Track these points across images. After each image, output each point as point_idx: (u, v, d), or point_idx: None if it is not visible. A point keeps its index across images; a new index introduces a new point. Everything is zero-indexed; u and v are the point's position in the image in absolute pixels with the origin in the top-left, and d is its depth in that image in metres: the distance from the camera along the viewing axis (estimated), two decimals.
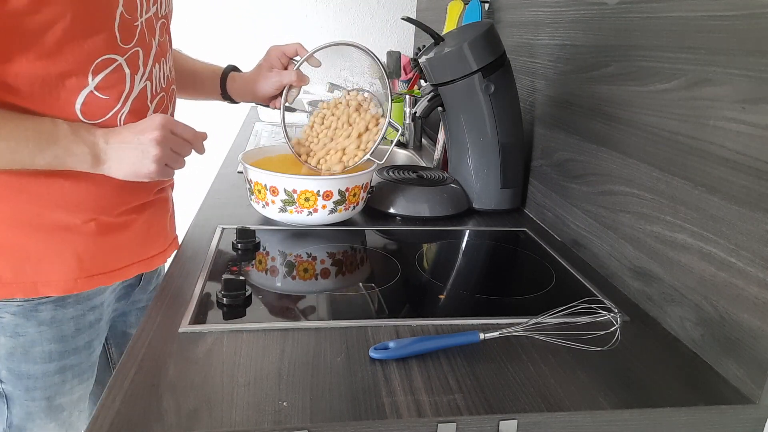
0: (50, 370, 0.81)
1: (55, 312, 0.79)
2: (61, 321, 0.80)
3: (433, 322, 0.68)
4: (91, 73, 0.71)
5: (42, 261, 0.76)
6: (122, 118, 0.76)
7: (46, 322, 0.79)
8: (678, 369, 0.63)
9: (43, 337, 0.79)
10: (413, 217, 1.04)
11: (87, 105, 0.72)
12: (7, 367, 0.79)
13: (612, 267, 0.83)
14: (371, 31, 2.21)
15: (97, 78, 0.72)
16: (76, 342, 0.82)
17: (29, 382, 0.80)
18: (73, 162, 0.71)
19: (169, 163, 0.76)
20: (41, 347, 0.79)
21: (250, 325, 0.65)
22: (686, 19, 0.68)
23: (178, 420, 0.50)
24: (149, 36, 0.78)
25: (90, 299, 0.82)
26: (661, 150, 0.72)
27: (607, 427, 0.56)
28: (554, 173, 1.02)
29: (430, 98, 1.09)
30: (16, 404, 0.81)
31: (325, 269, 0.82)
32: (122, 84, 0.75)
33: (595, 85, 0.88)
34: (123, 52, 0.73)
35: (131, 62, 0.75)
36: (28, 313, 0.77)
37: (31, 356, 0.79)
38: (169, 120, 0.75)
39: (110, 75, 0.73)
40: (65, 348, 0.81)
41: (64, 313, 0.80)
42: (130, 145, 0.73)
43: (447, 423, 0.52)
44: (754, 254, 0.58)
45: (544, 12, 1.07)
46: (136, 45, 0.75)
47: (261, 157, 1.05)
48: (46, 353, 0.80)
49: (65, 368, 0.82)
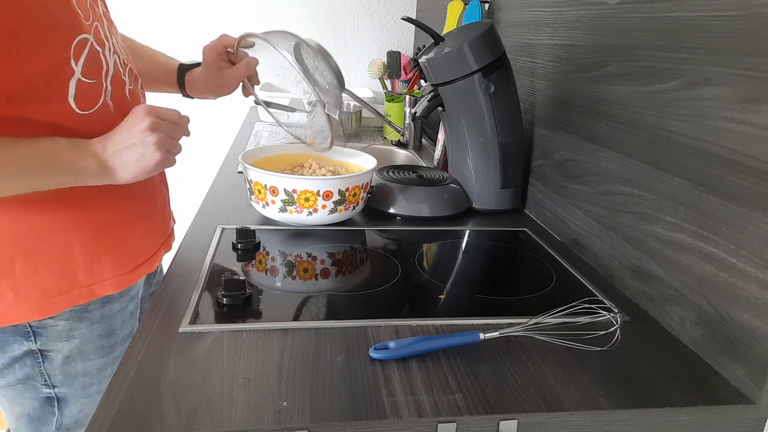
0: (104, 363, 0.85)
1: (103, 309, 0.82)
2: (109, 317, 0.83)
3: (433, 322, 0.68)
4: (73, 59, 0.70)
5: (93, 264, 0.78)
6: (109, 98, 0.76)
7: (97, 320, 0.82)
8: (678, 369, 0.63)
9: (94, 334, 0.82)
10: (413, 217, 1.04)
11: (79, 94, 0.71)
12: (63, 371, 0.81)
13: (612, 267, 0.83)
14: (371, 31, 2.21)
15: (79, 63, 0.70)
16: (122, 333, 0.86)
17: (86, 380, 0.83)
18: (84, 177, 0.71)
19: (169, 149, 0.75)
20: (94, 344, 0.82)
21: (250, 325, 0.65)
22: (686, 19, 0.68)
23: (178, 420, 0.50)
24: (96, 8, 0.77)
25: (129, 291, 0.86)
26: (661, 150, 0.72)
27: (607, 427, 0.56)
28: (554, 173, 1.02)
29: (430, 98, 1.09)
30: (69, 404, 0.84)
31: (325, 269, 0.82)
32: (99, 63, 0.74)
33: (595, 85, 0.88)
34: (88, 29, 0.72)
35: (97, 38, 0.74)
36: (80, 316, 0.79)
37: (86, 355, 0.82)
38: (151, 107, 0.74)
39: (89, 57, 0.71)
40: (114, 341, 0.85)
41: (111, 309, 0.83)
42: (126, 144, 0.72)
43: (447, 423, 0.52)
44: (754, 254, 0.58)
45: (544, 12, 1.07)
46: (94, 20, 0.74)
47: (261, 157, 1.05)
48: (99, 349, 0.83)
49: (115, 359, 0.86)
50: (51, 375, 0.81)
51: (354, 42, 2.21)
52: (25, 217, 0.74)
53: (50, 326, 0.78)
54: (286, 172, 1.01)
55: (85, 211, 0.77)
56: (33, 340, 0.78)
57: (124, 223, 0.81)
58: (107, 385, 0.54)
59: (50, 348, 0.79)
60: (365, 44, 2.22)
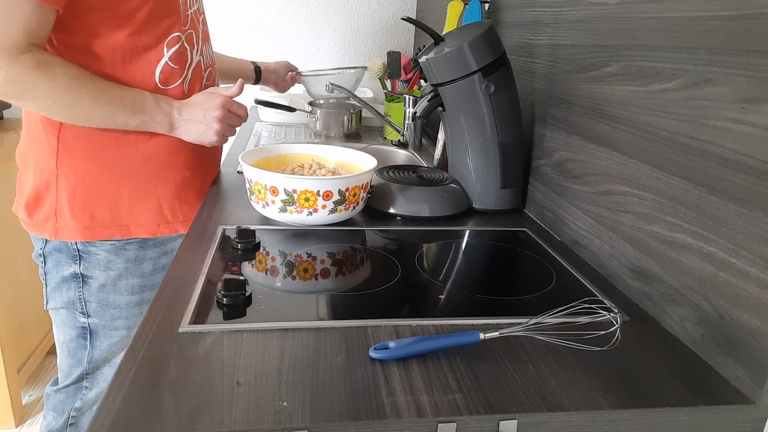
0: (132, 301, 1.01)
1: (138, 252, 1.00)
2: (142, 260, 1.01)
3: (433, 322, 0.68)
4: (166, 46, 0.94)
5: (134, 207, 0.98)
6: (186, 83, 1.00)
7: (132, 259, 1.00)
8: (678, 369, 0.63)
9: (128, 272, 1.00)
10: (413, 217, 1.04)
11: (164, 73, 0.96)
12: (98, 299, 0.99)
13: (612, 267, 0.83)
14: (371, 31, 2.20)
15: (170, 51, 0.95)
16: (152, 280, 1.03)
17: (115, 312, 1.00)
18: (155, 126, 0.95)
19: (226, 134, 1.02)
20: (126, 281, 1.00)
21: (250, 325, 0.65)
22: (686, 19, 0.68)
23: (178, 420, 0.50)
24: (196, 23, 1.02)
25: (164, 244, 1.03)
26: (661, 150, 0.72)
27: (607, 427, 0.56)
28: (554, 173, 1.02)
29: (430, 98, 1.09)
30: (99, 336, 1.01)
31: (325, 269, 0.82)
32: (185, 56, 0.99)
33: (595, 85, 0.88)
34: (184, 32, 0.97)
35: (189, 40, 0.99)
36: (119, 251, 0.98)
37: (118, 288, 0.99)
38: (227, 100, 0.98)
39: (179, 49, 0.96)
40: (144, 283, 1.02)
41: (145, 254, 1.01)
42: (197, 119, 0.96)
43: (447, 423, 0.52)
44: (754, 254, 0.58)
45: (544, 12, 1.07)
46: (190, 28, 0.99)
47: (261, 157, 1.05)
48: (130, 286, 1.00)
49: (143, 302, 1.02)
50: (87, 302, 0.99)
51: (354, 42, 2.21)
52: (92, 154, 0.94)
53: (93, 253, 0.97)
54: (286, 172, 1.01)
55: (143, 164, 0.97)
56: (78, 263, 0.97)
57: (170, 185, 1.01)
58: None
59: (90, 274, 0.98)
60: (365, 44, 2.22)
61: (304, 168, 1.05)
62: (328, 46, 2.20)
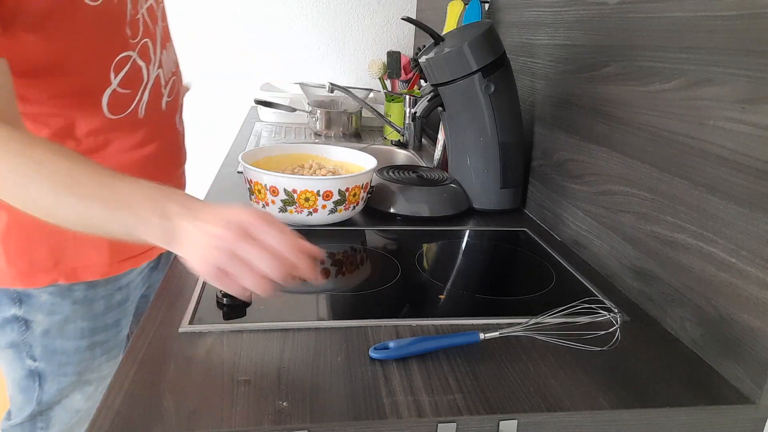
0: (82, 346, 0.87)
1: (87, 291, 0.85)
2: (92, 300, 0.86)
3: (433, 322, 0.68)
4: (113, 72, 0.76)
5: (80, 247, 0.82)
6: (142, 107, 0.83)
7: (80, 301, 0.84)
8: (678, 369, 0.63)
9: (76, 314, 0.85)
10: (413, 217, 1.04)
11: (112, 101, 0.78)
12: (43, 345, 0.85)
13: (612, 267, 0.83)
14: (371, 31, 2.20)
15: (118, 76, 0.77)
16: (105, 320, 0.88)
17: (62, 358, 0.86)
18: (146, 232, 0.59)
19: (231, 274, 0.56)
20: (74, 324, 0.85)
21: (250, 325, 0.65)
22: (686, 19, 0.68)
23: (178, 420, 0.50)
24: (152, 24, 0.83)
25: (118, 280, 0.88)
26: (661, 150, 0.72)
27: (607, 427, 0.56)
28: (554, 173, 1.02)
29: (430, 98, 1.09)
30: (48, 380, 0.87)
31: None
32: (140, 77, 0.81)
33: (595, 85, 0.88)
34: (134, 46, 0.78)
35: (143, 54, 0.80)
36: (64, 293, 0.83)
37: (65, 333, 0.85)
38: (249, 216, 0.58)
39: (129, 71, 0.78)
40: (95, 325, 0.87)
41: (96, 293, 0.86)
42: None
43: (447, 423, 0.52)
44: (754, 254, 0.58)
45: (544, 12, 1.07)
46: (144, 36, 0.80)
47: (261, 157, 1.05)
48: (79, 330, 0.86)
49: (95, 345, 0.88)
50: (32, 345, 0.85)
51: (354, 42, 2.21)
52: None
53: (35, 296, 0.82)
54: (286, 172, 1.01)
55: None
56: (19, 305, 0.82)
57: None
58: (107, 386, 0.54)
59: (32, 318, 0.83)
60: (365, 44, 2.22)
61: (304, 168, 1.05)
62: (328, 46, 2.20)
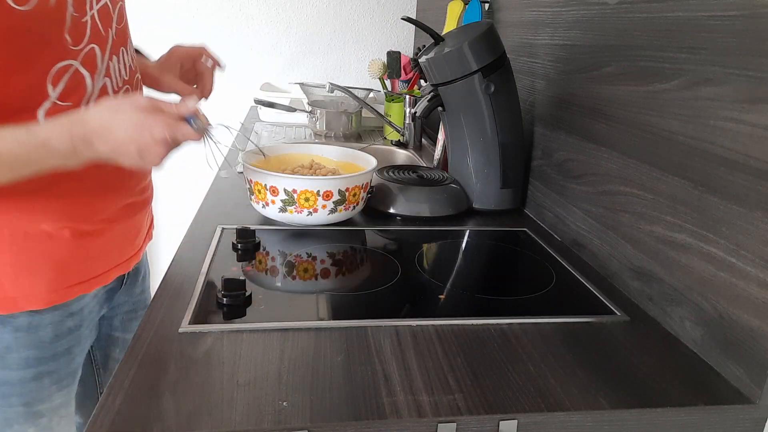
0: (27, 376, 0.78)
1: (31, 318, 0.76)
2: (38, 327, 0.77)
3: (433, 322, 0.68)
4: (50, 84, 0.67)
5: (20, 275, 0.73)
6: None
7: (23, 328, 0.76)
8: (678, 369, 0.63)
9: (19, 343, 0.76)
10: (413, 217, 1.04)
11: (50, 115, 0.68)
12: None
13: (612, 267, 0.83)
14: (371, 31, 2.20)
15: (57, 88, 0.68)
16: (55, 348, 0.79)
17: (5, 389, 0.78)
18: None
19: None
20: (17, 354, 0.76)
21: (250, 325, 0.65)
22: (686, 19, 0.68)
23: (178, 420, 0.50)
24: (104, 27, 0.73)
25: (68, 306, 0.79)
26: (661, 150, 0.72)
27: (607, 427, 0.56)
28: (554, 173, 1.02)
29: (430, 98, 1.09)
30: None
31: (325, 269, 0.82)
32: (82, 88, 0.71)
33: (595, 85, 0.88)
34: (76, 54, 0.68)
35: (87, 63, 0.70)
36: (4, 320, 0.75)
37: (6, 362, 0.76)
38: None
39: (69, 82, 0.68)
40: (42, 354, 0.78)
41: (41, 319, 0.77)
42: None
43: (447, 423, 0.52)
44: (754, 254, 0.58)
45: (544, 12, 1.07)
46: (90, 42, 0.70)
47: (261, 157, 1.05)
48: (23, 359, 0.77)
49: (42, 375, 0.79)
50: None
51: (354, 42, 2.21)
52: None
53: None
54: (286, 172, 1.01)
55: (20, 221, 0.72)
56: None
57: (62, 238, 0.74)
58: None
59: None
60: (365, 44, 2.22)
61: (304, 168, 1.05)
62: (328, 45, 2.19)
